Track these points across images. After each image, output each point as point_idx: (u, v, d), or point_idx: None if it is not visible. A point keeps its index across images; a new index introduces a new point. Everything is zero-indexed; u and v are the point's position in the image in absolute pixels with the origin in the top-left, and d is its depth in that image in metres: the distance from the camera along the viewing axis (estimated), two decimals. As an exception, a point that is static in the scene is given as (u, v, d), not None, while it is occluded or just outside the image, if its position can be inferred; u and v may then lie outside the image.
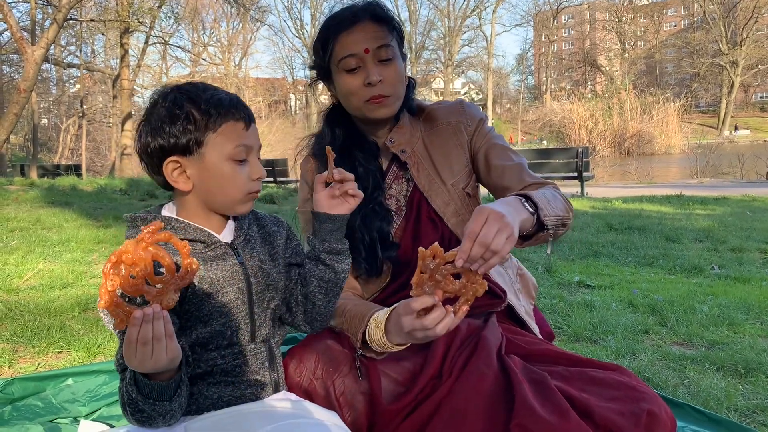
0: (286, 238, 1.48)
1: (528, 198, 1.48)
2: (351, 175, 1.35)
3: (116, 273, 1.02)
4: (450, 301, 1.30)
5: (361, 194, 1.37)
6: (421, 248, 1.25)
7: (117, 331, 1.21)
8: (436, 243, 1.24)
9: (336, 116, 1.77)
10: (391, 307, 1.42)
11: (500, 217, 1.29)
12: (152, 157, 1.31)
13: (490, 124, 1.84)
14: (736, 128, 49.68)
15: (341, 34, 1.61)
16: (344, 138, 1.74)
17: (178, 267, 1.09)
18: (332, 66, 1.66)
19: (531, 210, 1.46)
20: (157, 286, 1.07)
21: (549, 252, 3.81)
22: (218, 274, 1.30)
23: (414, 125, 1.78)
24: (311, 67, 1.78)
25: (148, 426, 1.21)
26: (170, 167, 1.30)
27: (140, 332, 1.03)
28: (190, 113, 1.27)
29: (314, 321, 1.47)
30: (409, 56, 1.83)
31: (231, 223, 1.39)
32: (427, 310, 1.28)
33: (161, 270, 1.08)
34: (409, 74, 1.77)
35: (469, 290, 1.26)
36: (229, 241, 1.36)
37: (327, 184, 1.38)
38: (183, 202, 1.35)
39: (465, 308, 1.27)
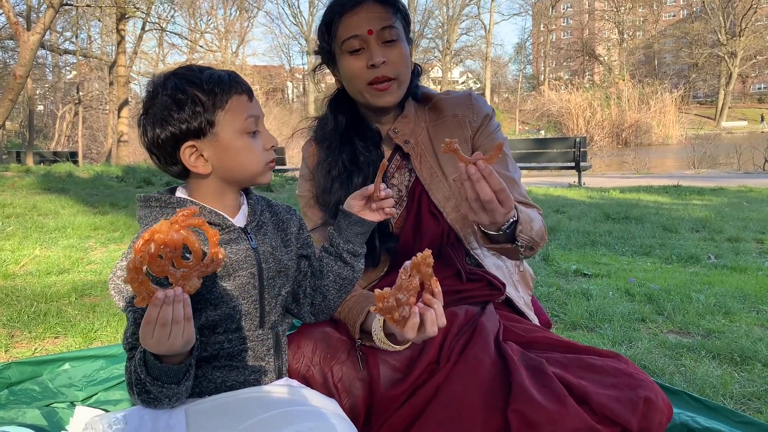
0: (299, 228, 1.49)
1: (519, 212, 1.48)
2: (392, 193, 1.39)
3: (146, 250, 1.02)
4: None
5: (394, 212, 1.40)
6: (376, 291, 1.22)
7: (129, 310, 1.21)
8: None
9: (340, 102, 1.75)
10: (382, 318, 1.40)
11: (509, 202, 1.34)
12: (164, 148, 1.29)
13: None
14: (762, 118, 48.07)
15: (345, 15, 1.60)
16: (347, 125, 1.72)
17: (204, 254, 1.09)
18: (336, 48, 1.64)
19: (513, 220, 1.45)
20: (182, 270, 1.06)
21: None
22: (231, 257, 1.30)
23: (419, 114, 1.76)
24: (315, 53, 1.75)
25: (152, 407, 1.22)
26: (187, 153, 1.29)
27: (160, 313, 1.03)
28: (195, 96, 1.26)
29: (320, 313, 1.49)
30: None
31: (244, 208, 1.39)
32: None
33: (188, 255, 1.08)
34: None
35: (424, 273, 1.22)
36: (243, 226, 1.36)
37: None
38: (198, 185, 1.34)
39: (434, 280, 1.24)
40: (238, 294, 1.31)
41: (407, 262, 1.22)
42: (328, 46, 1.67)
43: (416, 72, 1.74)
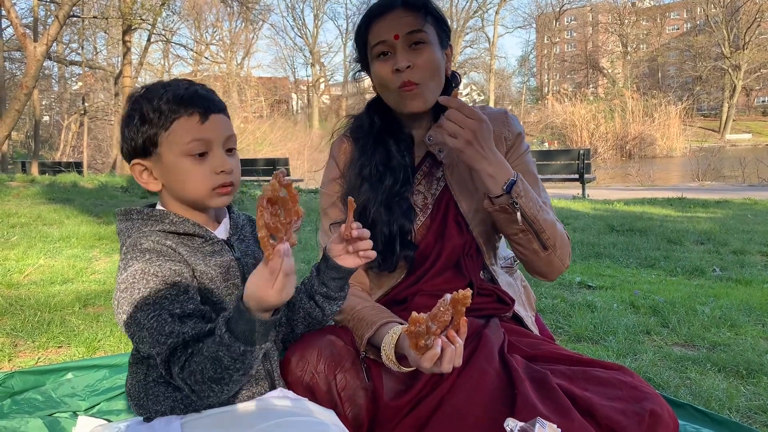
0: None
1: (521, 181, 1.54)
2: (367, 233, 1.34)
3: (265, 209, 1.08)
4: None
5: (373, 255, 1.35)
6: (413, 314, 1.22)
7: (152, 315, 1.19)
8: (413, 314, 1.21)
9: (378, 105, 1.75)
10: (396, 336, 1.40)
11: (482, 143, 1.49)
12: (125, 160, 1.33)
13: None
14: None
15: (374, 22, 1.62)
16: (381, 126, 1.72)
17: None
18: (368, 54, 1.66)
19: (512, 180, 1.51)
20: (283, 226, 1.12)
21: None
22: (216, 270, 1.30)
23: None
24: (355, 60, 1.77)
25: (226, 396, 1.21)
26: (137, 170, 1.31)
27: (283, 264, 1.07)
28: (144, 113, 1.26)
29: (286, 342, 1.50)
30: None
31: (226, 221, 1.40)
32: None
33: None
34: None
35: (458, 311, 1.22)
36: (225, 238, 1.36)
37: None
38: (163, 200, 1.35)
39: (464, 320, 1.24)
40: (224, 306, 1.31)
41: (447, 295, 1.22)
42: (362, 53, 1.69)
43: (454, 81, 1.73)
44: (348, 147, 1.77)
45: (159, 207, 1.36)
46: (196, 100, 1.28)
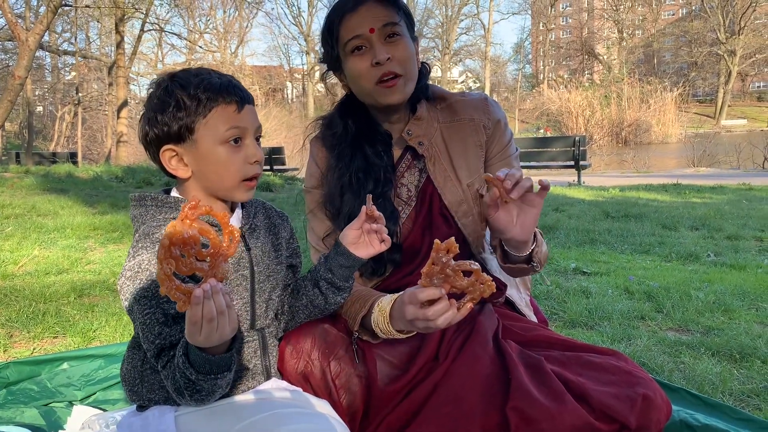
0: (290, 236, 1.49)
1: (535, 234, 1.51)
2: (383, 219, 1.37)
3: (170, 256, 0.99)
4: (457, 297, 1.27)
5: (388, 243, 1.38)
6: (436, 240, 1.22)
7: (147, 313, 1.19)
8: (452, 238, 1.22)
9: (349, 107, 1.72)
10: (396, 295, 1.40)
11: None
12: (150, 147, 1.32)
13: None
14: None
15: (345, 17, 1.58)
16: (357, 130, 1.69)
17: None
18: (340, 51, 1.62)
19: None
20: (207, 261, 1.04)
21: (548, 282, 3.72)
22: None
23: (431, 114, 1.71)
24: (321, 60, 1.73)
25: (205, 403, 1.21)
26: (167, 155, 1.30)
27: (204, 309, 1.01)
28: (180, 100, 1.27)
29: (288, 330, 1.50)
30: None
31: (238, 211, 1.40)
32: (432, 302, 1.25)
33: (206, 244, 1.05)
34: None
35: (476, 289, 1.23)
36: (238, 228, 1.35)
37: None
38: (185, 188, 1.35)
39: (469, 306, 1.24)
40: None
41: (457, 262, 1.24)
42: (333, 50, 1.64)
43: (424, 71, 1.71)
44: (325, 153, 1.74)
45: (174, 194, 1.35)
46: (231, 89, 1.30)
